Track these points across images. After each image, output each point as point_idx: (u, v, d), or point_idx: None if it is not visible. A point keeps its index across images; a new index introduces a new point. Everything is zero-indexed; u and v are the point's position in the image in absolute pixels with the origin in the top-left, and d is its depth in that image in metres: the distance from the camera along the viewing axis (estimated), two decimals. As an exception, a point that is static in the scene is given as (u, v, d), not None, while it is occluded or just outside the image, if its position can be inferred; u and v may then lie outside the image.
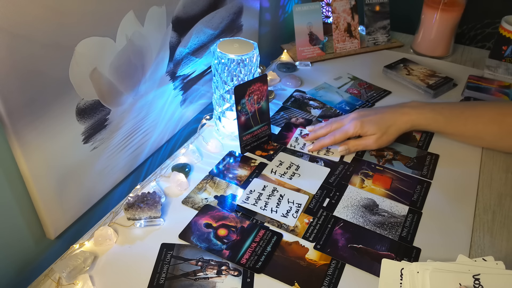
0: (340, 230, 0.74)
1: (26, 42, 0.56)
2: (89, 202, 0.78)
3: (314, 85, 1.14)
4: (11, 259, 0.67)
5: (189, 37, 0.91)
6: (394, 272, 0.63)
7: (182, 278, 0.65)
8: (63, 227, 0.73)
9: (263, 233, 0.73)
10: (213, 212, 0.77)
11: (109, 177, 0.81)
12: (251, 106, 0.86)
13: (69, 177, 0.71)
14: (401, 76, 1.17)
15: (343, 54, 1.29)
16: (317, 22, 1.24)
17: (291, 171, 0.86)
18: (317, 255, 0.70)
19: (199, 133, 0.95)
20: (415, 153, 0.92)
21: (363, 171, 0.87)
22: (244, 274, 0.67)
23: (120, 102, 0.77)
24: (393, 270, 0.64)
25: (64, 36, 0.61)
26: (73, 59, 0.64)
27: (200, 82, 1.01)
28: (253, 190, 0.81)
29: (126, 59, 0.75)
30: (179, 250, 0.70)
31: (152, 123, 0.88)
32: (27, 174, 0.63)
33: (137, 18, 0.74)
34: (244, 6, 1.08)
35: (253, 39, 1.11)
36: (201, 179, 0.84)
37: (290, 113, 1.03)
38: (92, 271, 0.67)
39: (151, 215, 0.73)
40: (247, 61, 0.84)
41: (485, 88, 1.10)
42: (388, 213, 0.78)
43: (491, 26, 1.44)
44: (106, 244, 0.70)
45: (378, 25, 1.33)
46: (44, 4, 0.57)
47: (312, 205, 0.79)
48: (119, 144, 0.80)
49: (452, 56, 1.32)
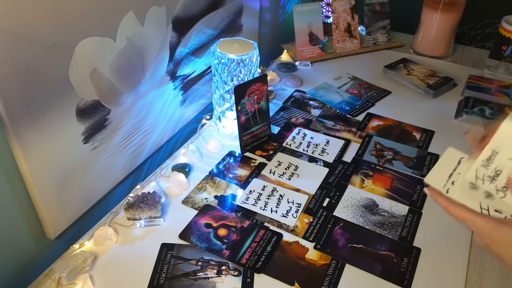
0: (340, 230, 0.74)
1: (26, 43, 0.56)
2: (89, 202, 0.78)
3: (314, 85, 1.14)
4: (11, 259, 0.67)
5: (189, 37, 0.91)
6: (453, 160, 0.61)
7: (182, 278, 0.65)
8: (63, 227, 0.73)
9: (263, 233, 0.73)
10: (213, 212, 0.77)
11: (109, 177, 0.81)
12: (251, 106, 0.86)
13: (69, 177, 0.71)
14: (401, 76, 1.17)
15: (343, 54, 1.29)
16: (317, 22, 1.24)
17: (290, 171, 0.86)
18: (317, 255, 0.70)
19: (199, 133, 0.95)
20: (415, 153, 0.92)
21: (363, 171, 0.87)
22: (244, 274, 0.67)
23: (120, 102, 0.77)
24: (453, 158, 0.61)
25: (64, 36, 0.61)
26: (73, 59, 0.64)
27: (200, 82, 1.01)
28: (253, 190, 0.81)
29: (126, 59, 0.75)
30: (179, 250, 0.70)
31: (152, 123, 0.88)
32: (27, 174, 0.63)
33: (137, 18, 0.74)
34: (244, 6, 1.08)
35: (253, 39, 1.11)
36: (201, 179, 0.84)
37: (290, 113, 1.03)
38: (92, 271, 0.67)
39: (151, 215, 0.73)
40: (247, 61, 0.84)
41: (485, 88, 1.10)
42: (388, 213, 0.78)
43: (491, 26, 1.44)
44: (106, 244, 0.70)
45: (378, 25, 1.33)
46: (44, 4, 0.57)
47: (312, 205, 0.79)
48: (119, 144, 0.80)
49: (452, 56, 1.32)
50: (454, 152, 0.60)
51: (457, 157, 0.60)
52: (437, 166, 0.60)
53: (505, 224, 0.53)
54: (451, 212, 0.56)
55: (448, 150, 0.60)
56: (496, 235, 0.53)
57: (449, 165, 0.60)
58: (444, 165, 0.60)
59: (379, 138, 0.96)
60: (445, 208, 0.57)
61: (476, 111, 1.02)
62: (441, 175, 0.60)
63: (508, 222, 0.53)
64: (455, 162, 0.60)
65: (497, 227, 0.53)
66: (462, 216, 0.55)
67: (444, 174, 0.60)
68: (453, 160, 0.60)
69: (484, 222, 0.53)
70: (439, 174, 0.60)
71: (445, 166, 0.60)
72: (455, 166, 0.59)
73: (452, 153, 0.60)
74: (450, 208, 0.56)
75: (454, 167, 0.59)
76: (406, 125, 1.01)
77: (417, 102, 1.10)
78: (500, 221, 0.54)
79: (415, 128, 1.00)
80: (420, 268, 0.68)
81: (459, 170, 0.59)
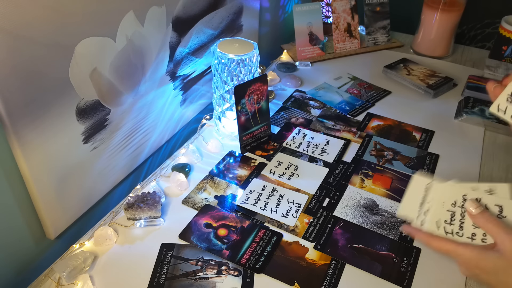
0: (340, 230, 0.74)
1: (26, 43, 0.56)
2: (89, 202, 0.78)
3: (314, 85, 1.14)
4: (11, 259, 0.67)
5: (189, 37, 0.91)
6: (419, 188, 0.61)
7: (182, 278, 0.65)
8: (63, 227, 0.73)
9: (263, 233, 0.73)
10: (213, 212, 0.77)
11: (109, 177, 0.81)
12: (251, 106, 0.86)
13: (69, 177, 0.71)
14: (401, 76, 1.17)
15: (343, 54, 1.29)
16: (317, 22, 1.24)
17: (290, 171, 0.86)
18: (317, 255, 0.70)
19: (199, 133, 0.95)
20: (415, 153, 0.92)
21: (363, 171, 0.87)
22: (244, 274, 0.67)
23: (120, 102, 0.77)
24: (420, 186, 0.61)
25: (64, 36, 0.61)
26: (73, 59, 0.64)
27: (200, 82, 1.01)
28: (253, 190, 0.81)
29: (126, 59, 0.75)
30: (179, 250, 0.70)
31: (152, 123, 0.88)
32: (27, 174, 0.63)
33: (137, 18, 0.74)
34: (244, 6, 1.08)
35: (253, 39, 1.11)
36: (201, 179, 0.84)
37: (290, 113, 1.03)
38: (92, 271, 0.67)
39: (151, 215, 0.73)
40: (247, 61, 0.84)
41: (485, 88, 1.10)
42: (388, 213, 0.78)
43: (491, 26, 1.44)
44: (106, 244, 0.70)
45: (378, 25, 1.33)
46: (44, 4, 0.57)
47: (312, 205, 0.79)
48: (119, 144, 0.80)
49: (452, 56, 1.32)
50: (420, 179, 0.60)
51: (423, 184, 0.60)
52: (406, 197, 0.61)
53: (489, 250, 0.51)
54: (432, 246, 0.55)
55: (414, 178, 0.61)
56: (483, 263, 0.51)
57: (418, 194, 0.60)
58: (413, 194, 0.60)
59: (379, 138, 0.96)
60: (426, 243, 0.55)
61: (476, 111, 1.02)
62: (413, 205, 0.60)
63: (492, 247, 0.51)
64: (423, 189, 0.60)
65: (483, 254, 0.51)
66: (445, 249, 0.53)
67: (415, 204, 0.60)
68: (421, 188, 0.60)
69: (468, 251, 0.51)
70: (410, 204, 0.60)
71: (414, 195, 0.60)
72: (423, 194, 0.60)
73: (419, 180, 0.60)
74: (431, 242, 0.55)
75: (423, 195, 0.60)
76: (406, 125, 1.01)
77: (417, 102, 1.10)
78: (484, 247, 0.52)
79: (415, 128, 1.00)
80: (420, 268, 0.68)
81: (428, 198, 0.59)
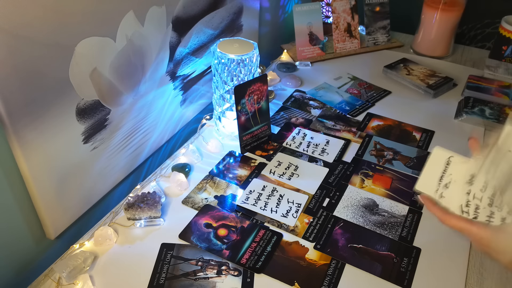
0: (340, 230, 0.74)
1: (26, 43, 0.56)
2: (89, 202, 0.78)
3: (314, 85, 1.14)
4: (11, 259, 0.67)
5: (189, 37, 0.91)
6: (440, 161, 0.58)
7: (182, 278, 0.65)
8: (63, 227, 0.73)
9: (263, 233, 0.73)
10: (213, 212, 0.77)
11: (109, 177, 0.81)
12: (251, 106, 0.86)
13: (69, 177, 0.71)
14: (401, 76, 1.17)
15: (343, 54, 1.29)
16: (317, 22, 1.24)
17: (290, 172, 0.86)
18: (317, 255, 0.70)
19: (199, 133, 0.95)
20: (415, 153, 0.92)
21: (363, 171, 0.87)
22: (244, 274, 0.67)
23: (120, 102, 0.77)
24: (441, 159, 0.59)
25: (64, 36, 0.61)
26: (73, 59, 0.64)
27: (200, 82, 1.01)
28: (253, 190, 0.81)
29: (126, 59, 0.75)
30: (179, 250, 0.70)
31: (152, 123, 0.88)
32: (27, 174, 0.63)
33: (137, 18, 0.74)
34: (244, 6, 1.08)
35: (253, 39, 1.11)
36: (201, 179, 0.84)
37: (290, 113, 1.03)
38: (92, 271, 0.67)
39: (151, 215, 0.73)
40: (247, 61, 0.84)
41: (485, 88, 1.10)
42: (388, 213, 0.78)
43: (491, 26, 1.44)
44: (106, 244, 0.70)
45: (378, 25, 1.33)
46: (44, 4, 0.57)
47: (312, 205, 0.79)
48: (119, 144, 0.80)
49: (452, 56, 1.32)
50: (441, 152, 0.58)
51: (444, 157, 0.58)
52: (426, 170, 0.59)
53: (501, 232, 0.52)
54: (447, 223, 0.56)
55: (435, 151, 0.58)
56: (494, 243, 0.52)
57: (438, 167, 0.58)
58: (433, 168, 0.58)
59: (379, 138, 0.96)
60: (441, 219, 0.56)
61: (476, 111, 1.02)
62: (432, 179, 0.58)
63: (505, 229, 0.53)
64: (444, 163, 0.58)
65: (494, 235, 0.52)
66: (459, 226, 0.55)
67: (434, 177, 0.58)
68: (441, 161, 0.58)
69: (481, 231, 0.53)
70: (429, 178, 0.58)
71: (434, 169, 0.58)
72: (444, 167, 0.58)
73: (439, 154, 0.58)
74: (445, 219, 0.56)
75: (443, 169, 0.58)
76: (406, 125, 1.01)
77: (417, 102, 1.10)
78: (497, 228, 0.53)
79: (415, 128, 1.00)
80: (420, 268, 0.68)
81: (450, 171, 0.57)
